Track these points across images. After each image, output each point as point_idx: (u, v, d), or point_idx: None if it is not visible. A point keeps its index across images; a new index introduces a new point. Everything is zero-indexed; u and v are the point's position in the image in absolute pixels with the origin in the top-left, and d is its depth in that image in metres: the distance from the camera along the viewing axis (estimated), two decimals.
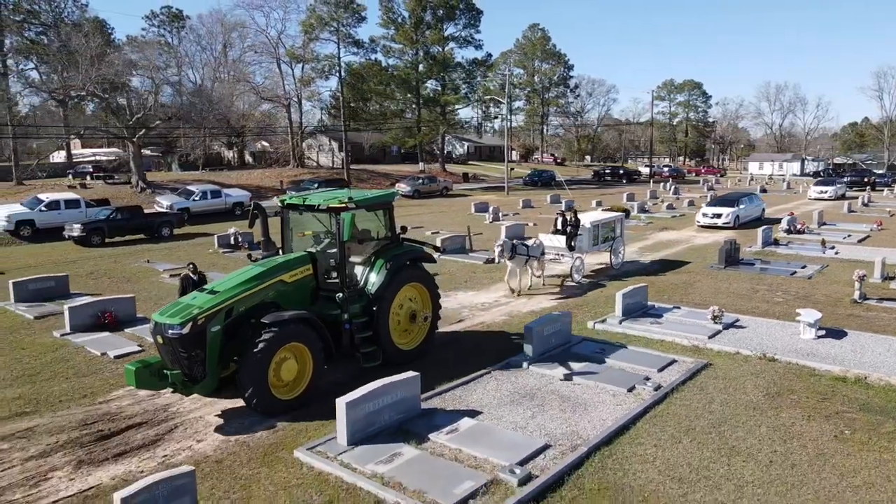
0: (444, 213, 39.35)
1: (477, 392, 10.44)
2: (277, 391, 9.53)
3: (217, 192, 37.88)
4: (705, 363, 11.54)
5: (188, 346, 9.13)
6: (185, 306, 9.47)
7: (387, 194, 12.14)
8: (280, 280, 10.24)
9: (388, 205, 11.92)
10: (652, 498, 7.31)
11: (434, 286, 12.24)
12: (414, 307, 11.87)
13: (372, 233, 12.02)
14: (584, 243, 19.14)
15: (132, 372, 9.16)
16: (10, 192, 47.74)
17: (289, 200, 11.36)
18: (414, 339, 11.95)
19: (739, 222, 30.13)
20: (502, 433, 8.90)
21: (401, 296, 11.49)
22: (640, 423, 9.21)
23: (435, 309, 12.22)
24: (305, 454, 8.32)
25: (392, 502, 7.21)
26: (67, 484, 7.88)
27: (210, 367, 9.33)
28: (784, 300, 16.30)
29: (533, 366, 11.46)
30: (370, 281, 11.10)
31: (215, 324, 9.32)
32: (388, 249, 11.55)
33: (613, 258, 20.48)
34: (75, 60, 42.93)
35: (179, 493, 6.70)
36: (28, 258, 24.61)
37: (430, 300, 12.10)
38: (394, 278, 11.15)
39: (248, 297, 9.76)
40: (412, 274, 11.72)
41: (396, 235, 11.91)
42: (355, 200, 10.79)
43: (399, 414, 9.15)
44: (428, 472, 7.80)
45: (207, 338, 9.22)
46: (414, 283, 11.79)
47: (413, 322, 11.87)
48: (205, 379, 9.34)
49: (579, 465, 8.02)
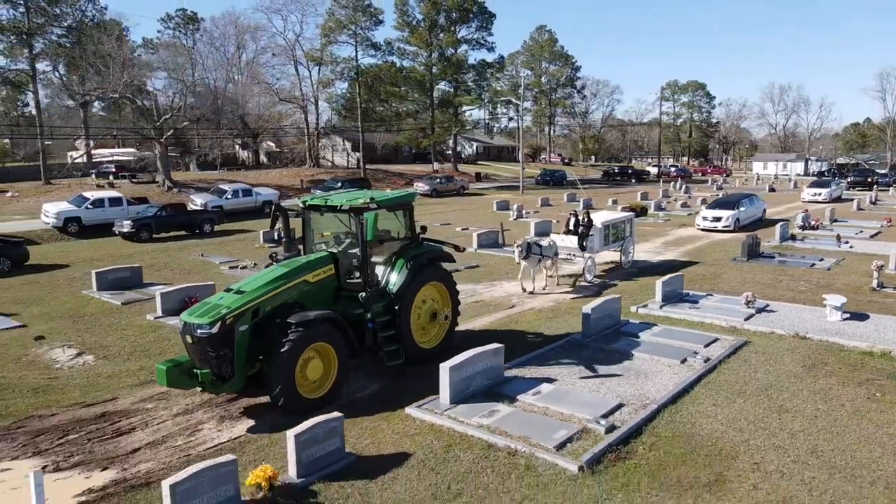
0: (465, 210, 40.70)
1: (549, 362, 11.83)
2: (303, 390, 9.65)
3: (248, 190, 39.27)
4: (745, 341, 12.91)
5: (217, 346, 9.27)
6: (213, 306, 9.59)
7: (407, 195, 12.12)
8: (304, 280, 10.35)
9: (408, 205, 11.97)
10: (719, 443, 8.69)
11: (453, 285, 12.36)
12: (434, 306, 12.01)
13: (392, 233, 12.16)
14: (595, 243, 19.44)
15: (163, 371, 9.32)
16: (40, 192, 49.23)
17: (310, 201, 11.47)
18: (434, 338, 12.11)
19: (740, 225, 29.38)
20: (580, 394, 10.29)
21: (421, 295, 11.60)
22: (696, 388, 10.59)
23: (454, 308, 12.35)
24: (416, 410, 9.72)
25: (502, 445, 8.58)
26: (216, 434, 9.27)
27: (238, 366, 9.46)
28: (807, 289, 17.67)
29: (592, 342, 12.85)
30: (391, 280, 11.21)
31: (243, 323, 9.45)
32: (408, 249, 11.66)
33: (624, 257, 20.90)
34: (107, 64, 44.29)
35: (331, 434, 8.12)
36: (86, 252, 25.98)
37: (450, 299, 12.25)
38: (414, 278, 11.28)
39: (273, 296, 9.87)
40: (432, 273, 11.85)
41: (416, 235, 12.01)
42: (377, 201, 10.87)
43: (488, 380, 10.53)
44: (525, 423, 9.18)
45: (235, 337, 9.36)
46: (434, 283, 11.92)
47: (433, 321, 12.03)
48: (233, 378, 9.48)
49: (652, 419, 9.40)
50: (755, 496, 7.41)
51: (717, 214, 29.54)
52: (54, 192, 48.77)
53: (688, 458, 8.29)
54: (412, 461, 8.29)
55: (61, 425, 9.50)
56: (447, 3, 62.71)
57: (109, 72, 43.48)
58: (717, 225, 29.12)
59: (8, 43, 53.25)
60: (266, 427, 9.38)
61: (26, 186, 51.55)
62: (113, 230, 29.24)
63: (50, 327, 14.83)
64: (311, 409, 9.30)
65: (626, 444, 8.62)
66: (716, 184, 61.96)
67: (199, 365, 9.52)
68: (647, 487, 7.62)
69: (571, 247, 19.05)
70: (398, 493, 7.55)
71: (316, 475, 7.81)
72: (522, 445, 8.49)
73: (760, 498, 7.37)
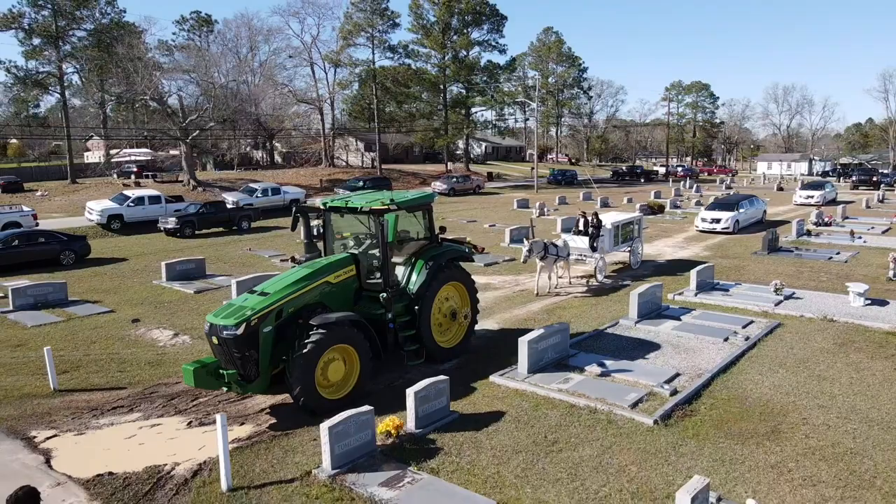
0: (486, 208, 42.01)
1: (605, 340, 13.18)
2: (325, 391, 9.76)
3: (277, 189, 40.61)
4: (778, 323, 14.24)
5: (242, 347, 9.42)
6: (238, 308, 9.71)
7: (426, 196, 12.20)
8: (326, 281, 10.50)
9: (427, 206, 12.08)
10: (769, 404, 10.02)
11: (472, 285, 12.54)
12: (454, 306, 12.16)
13: (412, 233, 12.33)
14: (605, 244, 19.47)
15: (190, 372, 9.52)
16: (68, 190, 50.58)
17: (331, 203, 11.53)
18: (454, 338, 12.26)
19: (739, 227, 28.79)
20: (640, 365, 11.63)
21: (441, 295, 11.74)
22: (741, 361, 11.92)
23: (473, 307, 12.52)
24: (499, 378, 11.07)
25: (583, 405, 9.92)
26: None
27: (262, 367, 9.63)
28: (828, 279, 19.00)
29: (639, 324, 14.19)
30: (411, 281, 11.31)
31: (267, 325, 9.59)
32: (428, 250, 11.79)
33: (632, 258, 20.97)
34: (136, 67, 45.61)
35: (440, 394, 9.47)
36: (136, 247, 27.31)
37: (469, 299, 12.41)
38: (434, 278, 11.41)
39: (296, 298, 10.00)
40: (452, 273, 11.97)
41: (436, 236, 12.12)
42: (397, 202, 11.00)
43: (556, 353, 11.87)
44: (598, 388, 10.52)
45: (260, 338, 9.51)
46: (453, 283, 12.07)
47: (453, 320, 12.18)
48: (258, 378, 9.67)
49: (707, 385, 10.74)
50: (808, 443, 8.74)
51: (716, 216, 29.02)
52: (81, 190, 50.16)
53: (744, 415, 9.63)
54: (507, 418, 9.62)
55: (188, 391, 10.83)
56: (461, 6, 64.04)
57: (139, 75, 44.76)
58: (716, 227, 28.59)
59: (29, 45, 54.57)
60: (382, 385, 10.84)
61: (53, 185, 52.88)
62: (157, 226, 30.59)
63: (137, 312, 16.17)
64: (332, 409, 9.08)
65: (689, 404, 9.96)
66: (724, 183, 63.25)
67: (225, 365, 9.70)
68: (713, 437, 8.95)
69: (583, 247, 19.26)
70: (503, 441, 8.88)
71: (430, 427, 9.16)
72: (601, 405, 9.83)
73: (813, 444, 8.70)
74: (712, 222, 28.82)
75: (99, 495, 7.66)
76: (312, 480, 7.88)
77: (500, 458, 8.43)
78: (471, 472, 8.07)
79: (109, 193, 45.79)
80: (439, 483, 7.79)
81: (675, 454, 8.45)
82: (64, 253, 22.50)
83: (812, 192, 41.54)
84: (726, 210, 29.29)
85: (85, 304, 16.99)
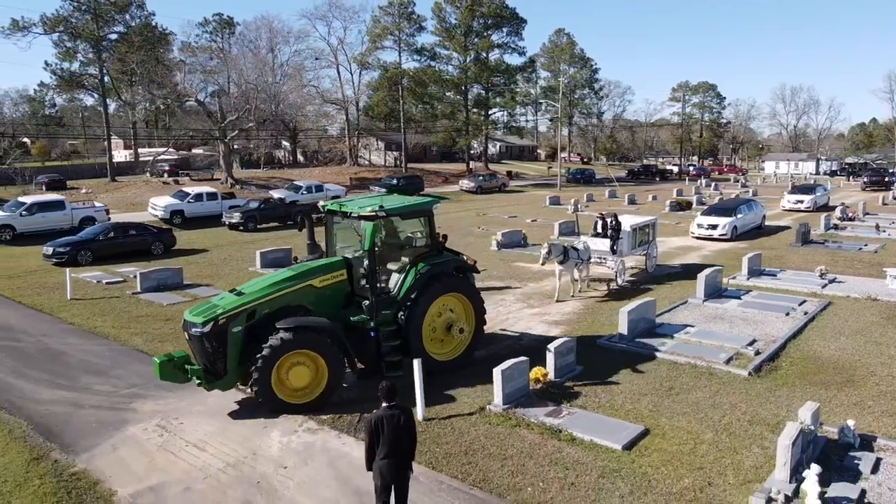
0: (518, 205, 43.93)
1: (681, 315, 15.15)
2: (285, 394, 9.75)
3: (320, 186, 42.57)
4: (828, 301, 16.19)
5: (210, 344, 9.58)
6: (210, 307, 9.91)
7: (425, 202, 11.59)
8: (309, 285, 10.35)
9: (426, 212, 11.47)
10: (839, 362, 11.97)
11: (478, 299, 11.79)
12: (452, 318, 11.45)
13: (414, 241, 11.87)
14: (624, 246, 18.99)
15: (157, 364, 9.78)
16: (110, 189, 52.49)
17: (329, 206, 11.43)
18: (453, 351, 11.60)
19: (737, 233, 27.10)
20: (720, 333, 13.59)
21: (438, 305, 11.17)
22: (805, 331, 13.86)
23: (479, 322, 11.82)
24: (605, 342, 13.03)
25: (683, 361, 11.88)
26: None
27: (230, 365, 9.68)
28: (862, 266, 20.95)
29: (707, 302, 16.15)
30: (403, 289, 10.84)
31: (237, 324, 9.64)
32: (425, 258, 11.19)
33: (648, 261, 20.50)
34: (179, 69, 47.62)
35: (569, 351, 11.42)
36: (208, 240, 29.21)
37: (474, 313, 11.72)
38: (429, 287, 10.87)
39: (272, 299, 10.00)
40: (452, 284, 11.35)
41: (437, 244, 11.51)
42: (386, 209, 10.65)
43: (647, 324, 13.83)
44: (692, 349, 12.47)
45: (228, 337, 9.59)
46: (455, 294, 11.45)
47: (449, 333, 11.48)
48: (226, 376, 9.75)
49: (782, 348, 12.68)
50: (879, 388, 10.69)
51: (713, 221, 26.98)
52: (123, 188, 52.13)
53: (820, 370, 11.58)
54: (624, 371, 11.58)
55: None
56: (482, 9, 65.97)
57: (183, 77, 46.74)
58: (712, 233, 26.61)
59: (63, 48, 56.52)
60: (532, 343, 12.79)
61: (94, 183, 54.80)
62: (221, 221, 32.55)
63: None
64: (294, 411, 9.63)
65: (772, 361, 11.91)
66: (739, 182, 65.20)
67: (196, 360, 9.91)
68: (800, 385, 10.90)
69: (603, 250, 18.74)
70: (628, 387, 10.84)
71: (565, 377, 11.11)
72: (699, 362, 11.79)
73: (883, 389, 10.65)
74: (709, 228, 26.83)
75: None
76: (489, 413, 9.82)
77: (631, 399, 10.38)
78: (612, 408, 10.03)
79: (151, 191, 47.88)
80: (591, 415, 9.74)
81: (772, 396, 10.40)
82: (154, 244, 24.45)
83: (802, 197, 38.17)
84: (723, 215, 27.42)
85: (199, 286, 18.93)
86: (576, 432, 9.09)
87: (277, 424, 9.59)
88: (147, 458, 8.60)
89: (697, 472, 8.11)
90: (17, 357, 12.77)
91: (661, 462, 8.35)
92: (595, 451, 8.64)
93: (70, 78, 55.97)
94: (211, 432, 9.36)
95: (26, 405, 10.37)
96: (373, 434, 6.09)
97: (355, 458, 8.57)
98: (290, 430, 9.43)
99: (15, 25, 51.68)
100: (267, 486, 7.90)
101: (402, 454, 6.28)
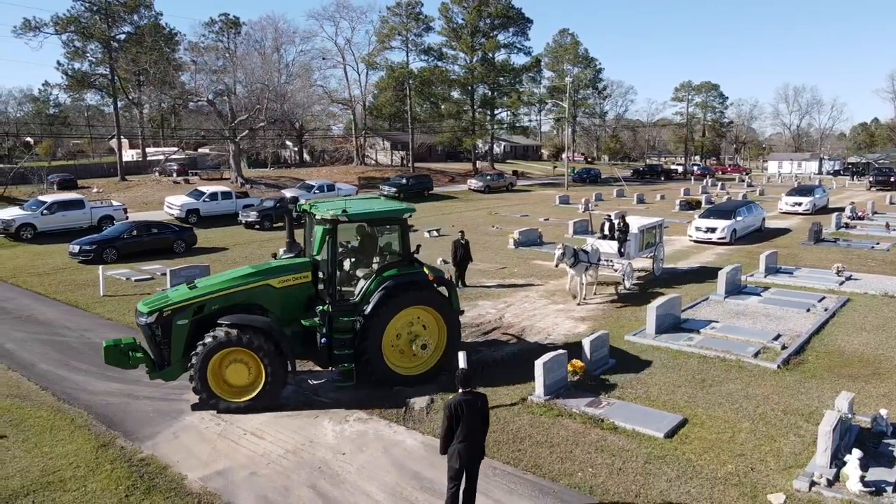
0: (528, 205, 44.27)
1: (704, 311, 15.51)
2: (223, 391, 9.80)
3: (332, 185, 42.93)
4: (847, 298, 16.56)
5: (155, 335, 9.78)
6: (159, 298, 10.13)
7: (396, 209, 11.12)
8: (266, 284, 10.26)
9: (397, 220, 10.99)
10: (863, 356, 12.33)
11: (451, 314, 11.11)
12: (417, 332, 10.90)
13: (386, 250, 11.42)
14: (631, 249, 18.71)
15: (104, 349, 9.99)
16: (120, 188, 52.83)
17: (303, 206, 11.37)
18: (418, 367, 11.00)
19: (737, 236, 26.39)
20: (744, 328, 13.95)
21: (406, 317, 10.71)
22: (827, 327, 14.22)
23: (451, 338, 11.14)
24: (633, 337, 13.40)
25: (712, 355, 12.24)
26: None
27: (175, 357, 9.81)
28: (876, 264, 21.30)
29: (728, 299, 16.51)
30: (363, 297, 10.50)
31: (182, 317, 9.73)
32: (393, 268, 10.75)
33: (655, 264, 20.19)
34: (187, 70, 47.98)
35: (602, 345, 11.78)
36: (227, 239, 29.56)
37: (447, 328, 11.07)
38: (393, 298, 10.42)
39: (224, 296, 10.01)
40: (422, 297, 10.77)
41: (409, 254, 11.01)
42: (349, 214, 10.30)
43: (673, 320, 14.18)
44: (719, 344, 12.82)
45: (172, 329, 9.72)
46: (425, 307, 10.87)
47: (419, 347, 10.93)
48: (169, 367, 9.90)
49: (807, 342, 13.04)
50: None
51: (711, 224, 26.15)
52: (134, 187, 52.48)
53: (846, 363, 11.94)
54: (655, 364, 11.94)
55: None
56: (489, 9, 66.29)
57: (194, 77, 47.11)
58: (711, 236, 25.79)
59: (72, 47, 56.93)
60: (561, 338, 13.16)
61: (104, 182, 55.14)
62: (238, 220, 32.92)
63: None
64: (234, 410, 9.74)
65: (799, 355, 12.27)
66: (744, 181, 65.55)
67: (143, 349, 10.12)
68: (828, 377, 11.26)
69: (611, 252, 18.39)
70: (662, 379, 11.20)
71: (599, 370, 11.47)
72: (728, 355, 12.15)
73: None
74: (707, 231, 26.00)
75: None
76: (530, 403, 10.19)
77: (666, 390, 10.74)
78: (648, 399, 10.39)
79: (162, 190, 48.27)
80: (630, 405, 10.10)
81: (802, 388, 10.77)
82: (177, 242, 24.80)
83: (800, 199, 36.50)
84: (722, 218, 26.54)
85: None
86: (617, 421, 9.45)
87: (328, 414, 9.96)
88: (209, 445, 8.96)
89: (739, 458, 8.47)
90: (64, 351, 13.14)
91: (702, 449, 8.71)
92: (638, 439, 9.00)
93: (82, 78, 56.32)
94: (264, 421, 9.71)
95: (82, 396, 10.74)
96: (451, 418, 6.43)
97: (409, 445, 8.95)
98: (340, 419, 9.80)
99: (27, 25, 52.10)
100: (329, 472, 8.26)
101: (478, 439, 6.62)
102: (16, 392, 10.85)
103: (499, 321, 15.15)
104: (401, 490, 7.82)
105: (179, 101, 54.25)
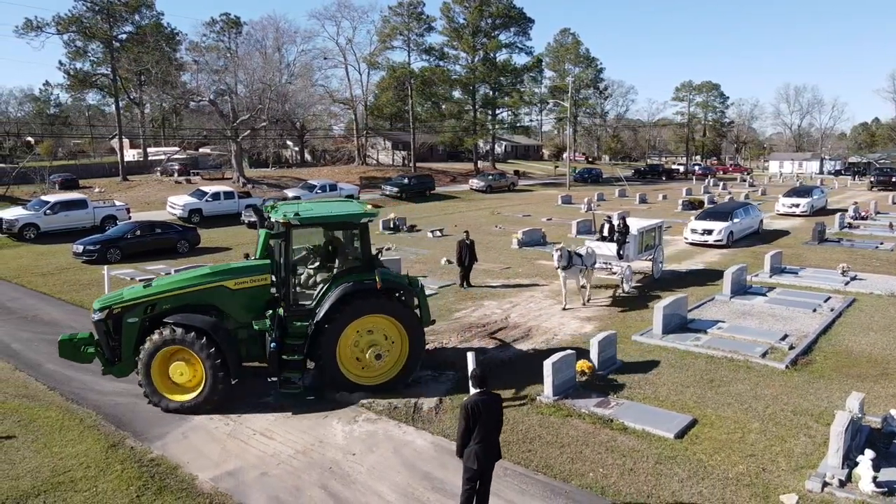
0: (530, 204, 44.26)
1: (710, 311, 15.49)
2: (168, 389, 9.90)
3: (333, 185, 42.93)
4: (853, 298, 16.54)
5: (105, 332, 9.98)
6: (114, 296, 10.31)
7: (353, 213, 10.72)
8: (221, 285, 10.20)
9: (353, 225, 10.69)
10: (871, 356, 12.31)
11: (413, 324, 10.74)
12: (376, 340, 10.57)
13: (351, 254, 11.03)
14: (630, 251, 18.34)
15: (59, 342, 10.21)
16: (122, 188, 52.79)
17: (266, 208, 11.54)
18: (377, 377, 10.67)
19: (733, 239, 25.72)
20: (751, 328, 13.93)
21: (361, 325, 10.41)
22: (833, 327, 14.20)
23: (413, 349, 10.73)
24: (640, 338, 13.37)
25: (720, 356, 12.22)
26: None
27: (125, 354, 9.94)
28: (880, 264, 21.29)
29: (734, 299, 16.49)
30: (316, 303, 10.31)
31: (132, 316, 9.86)
32: (347, 275, 10.47)
33: (654, 266, 19.67)
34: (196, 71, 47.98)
35: (611, 346, 11.76)
36: (230, 239, 29.57)
37: (408, 338, 10.68)
38: (349, 305, 10.18)
39: (176, 296, 10.05)
40: (380, 305, 10.46)
41: (369, 259, 10.69)
42: (301, 218, 10.05)
43: (680, 319, 14.17)
44: (726, 344, 12.81)
45: (122, 327, 9.86)
46: (384, 316, 10.53)
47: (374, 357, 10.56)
48: (119, 363, 10.07)
49: (814, 342, 13.03)
50: None
51: (707, 226, 25.40)
52: (135, 187, 52.46)
53: (854, 363, 11.93)
54: (663, 364, 11.92)
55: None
56: (491, 9, 66.29)
57: (196, 77, 47.10)
58: (707, 239, 25.13)
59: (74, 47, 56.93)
60: (568, 339, 13.14)
61: (106, 182, 55.12)
62: (241, 220, 32.92)
63: None
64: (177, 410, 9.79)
65: (806, 355, 12.25)
66: (746, 181, 65.51)
67: (96, 345, 10.19)
68: (836, 377, 11.25)
69: (609, 255, 18.06)
70: (670, 380, 11.18)
71: (607, 370, 11.45)
72: (735, 356, 12.14)
73: None
74: (703, 234, 25.31)
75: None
76: (539, 403, 10.18)
77: (675, 390, 10.73)
78: (657, 399, 10.38)
79: (163, 190, 48.26)
80: (639, 405, 10.09)
81: (811, 388, 10.75)
82: (180, 242, 24.79)
83: (797, 201, 35.49)
84: (719, 220, 25.80)
85: None
86: (627, 421, 9.44)
87: (337, 414, 9.95)
88: (219, 445, 8.95)
89: (750, 458, 8.46)
90: None
91: (713, 450, 8.70)
92: (648, 440, 8.99)
93: (84, 78, 56.32)
94: (273, 422, 9.71)
95: (90, 396, 10.73)
96: (469, 419, 6.41)
97: (418, 445, 8.94)
98: (349, 419, 9.79)
99: (28, 25, 52.09)
100: (339, 472, 8.25)
101: (494, 440, 6.61)
102: (24, 392, 10.85)
103: (505, 321, 15.15)
104: (412, 490, 7.82)
105: (181, 101, 54.18)
